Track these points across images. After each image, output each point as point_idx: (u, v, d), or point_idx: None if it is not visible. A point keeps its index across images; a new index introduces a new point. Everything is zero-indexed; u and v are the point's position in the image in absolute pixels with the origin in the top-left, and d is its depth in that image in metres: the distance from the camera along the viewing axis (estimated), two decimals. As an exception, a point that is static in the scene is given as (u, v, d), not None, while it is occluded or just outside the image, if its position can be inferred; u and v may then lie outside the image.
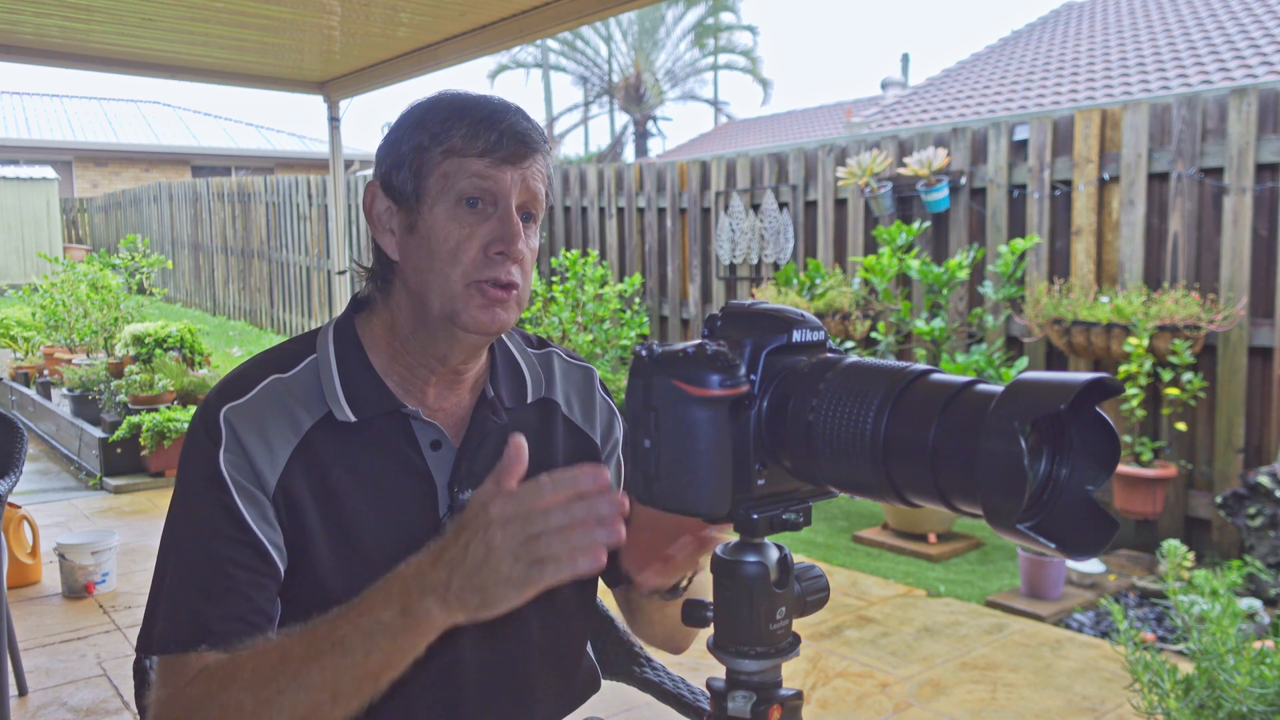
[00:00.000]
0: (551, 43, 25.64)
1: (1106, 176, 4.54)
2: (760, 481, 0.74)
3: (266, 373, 1.08)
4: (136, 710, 1.19)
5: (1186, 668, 1.94)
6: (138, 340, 6.69)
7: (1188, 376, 4.02)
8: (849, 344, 5.04)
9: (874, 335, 5.02)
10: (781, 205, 6.03)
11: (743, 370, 0.73)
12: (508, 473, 0.83)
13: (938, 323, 4.67)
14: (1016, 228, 4.91)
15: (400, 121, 1.08)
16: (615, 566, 1.15)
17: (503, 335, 1.21)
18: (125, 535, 4.62)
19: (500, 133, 1.03)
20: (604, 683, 1.31)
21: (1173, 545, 3.30)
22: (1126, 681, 1.98)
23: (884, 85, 17.61)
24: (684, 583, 1.08)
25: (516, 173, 1.04)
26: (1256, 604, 3.33)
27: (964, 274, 4.68)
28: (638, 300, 6.87)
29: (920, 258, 4.99)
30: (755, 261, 6.17)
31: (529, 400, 1.18)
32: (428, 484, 1.09)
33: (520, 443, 0.84)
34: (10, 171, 16.67)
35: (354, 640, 0.87)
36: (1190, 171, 4.25)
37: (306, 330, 1.17)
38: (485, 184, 1.03)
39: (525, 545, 0.79)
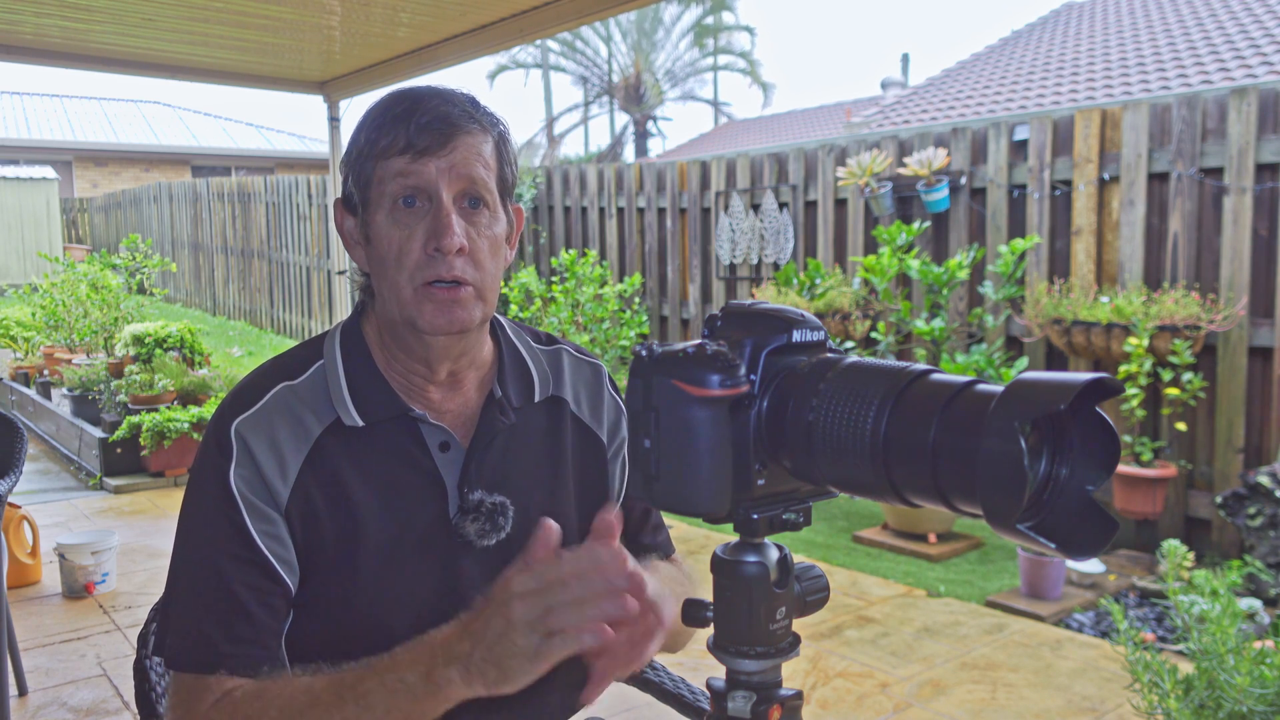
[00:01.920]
0: (551, 43, 25.64)
1: (1106, 176, 4.54)
2: (760, 481, 0.74)
3: (275, 380, 1.08)
4: (137, 710, 1.20)
5: (1186, 668, 1.94)
6: (138, 340, 6.69)
7: (1188, 376, 4.02)
8: (849, 344, 5.04)
9: (874, 335, 5.02)
10: (781, 205, 6.03)
11: (743, 370, 0.73)
12: (535, 552, 0.85)
13: (938, 323, 4.67)
14: (1016, 228, 4.91)
15: (352, 132, 1.09)
16: None
17: (511, 334, 1.21)
18: (125, 535, 4.62)
19: (415, 124, 1.02)
20: (604, 683, 1.31)
21: (1173, 545, 3.30)
22: (1126, 681, 1.98)
23: (884, 85, 17.61)
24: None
25: (442, 161, 1.02)
26: (1256, 604, 3.33)
27: (964, 274, 4.68)
28: (637, 300, 6.87)
29: (920, 258, 4.99)
30: (755, 261, 6.17)
31: (537, 399, 1.18)
32: (437, 486, 1.09)
33: (552, 525, 0.86)
34: (10, 171, 16.68)
35: (377, 696, 0.89)
36: (1190, 171, 4.25)
37: (307, 330, 1.18)
38: (411, 180, 1.02)
39: (541, 618, 0.81)
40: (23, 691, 3.00)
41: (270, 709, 0.93)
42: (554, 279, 6.84)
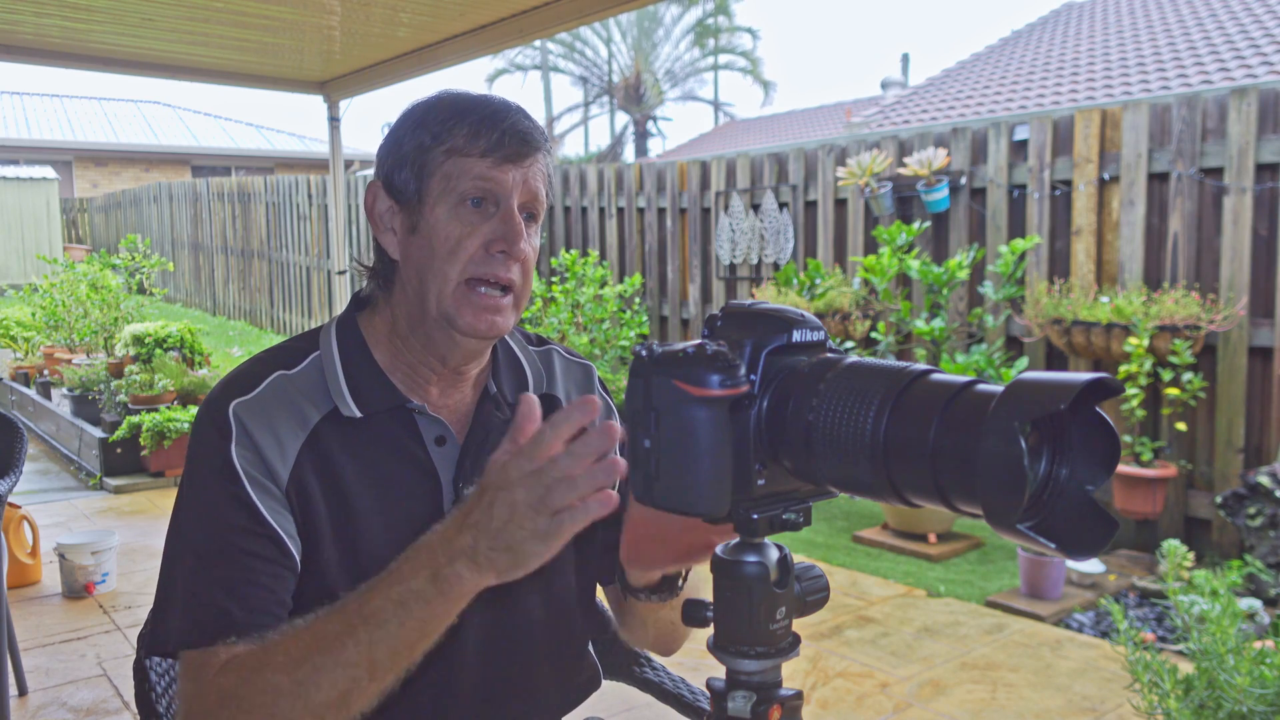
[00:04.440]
0: (551, 44, 25.64)
1: (1106, 176, 4.54)
2: (760, 481, 0.74)
3: (271, 369, 1.08)
4: (137, 710, 1.19)
5: (1186, 668, 1.94)
6: (138, 340, 6.69)
7: (1188, 376, 4.02)
8: (849, 344, 5.04)
9: (874, 335, 5.02)
10: (781, 205, 6.03)
11: (743, 370, 0.73)
12: (522, 430, 0.84)
13: (938, 323, 4.67)
14: (1016, 228, 4.91)
15: (401, 121, 1.09)
16: (612, 561, 1.15)
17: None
18: (125, 535, 4.62)
19: (503, 132, 1.04)
20: (604, 683, 1.31)
21: (1173, 545, 3.30)
22: (1126, 681, 1.98)
23: (884, 85, 17.61)
24: (680, 582, 1.09)
25: (518, 172, 1.05)
26: (1256, 604, 3.33)
27: (964, 274, 4.68)
28: (638, 300, 6.87)
29: (920, 258, 4.99)
30: (755, 261, 6.17)
31: None
32: (432, 480, 1.09)
33: (532, 399, 0.85)
34: (10, 171, 16.67)
35: (387, 611, 0.88)
36: (1190, 171, 4.25)
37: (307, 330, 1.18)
38: (488, 184, 1.04)
39: (544, 498, 0.80)
40: (23, 691, 3.00)
41: (276, 655, 0.92)
42: (554, 279, 6.84)
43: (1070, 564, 3.87)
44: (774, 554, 0.77)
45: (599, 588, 1.25)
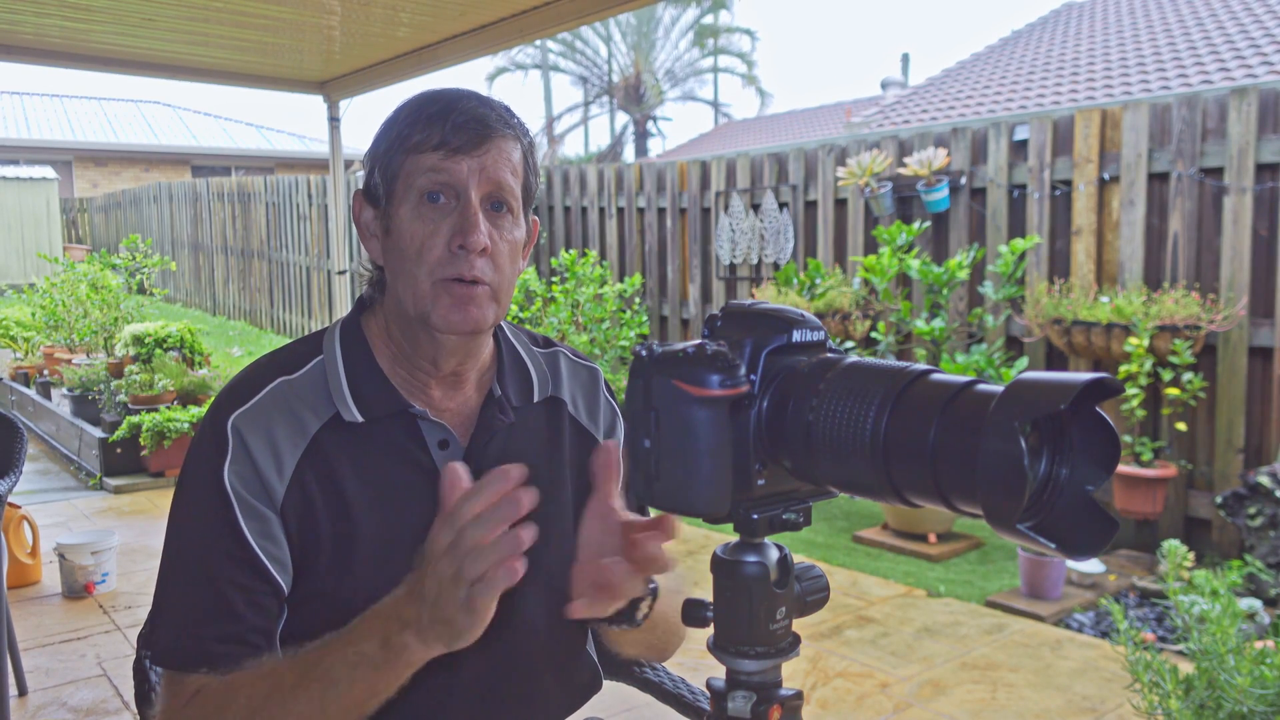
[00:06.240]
0: (551, 44, 25.64)
1: (1106, 176, 4.54)
2: (760, 481, 0.73)
3: (273, 375, 1.08)
4: (137, 710, 1.20)
5: (1187, 668, 1.94)
6: (138, 340, 6.69)
7: (1188, 376, 4.02)
8: (849, 344, 5.04)
9: (874, 335, 5.02)
10: (781, 205, 6.03)
11: (743, 370, 0.73)
12: (445, 501, 0.84)
13: (938, 323, 4.67)
14: (1016, 228, 4.91)
15: (379, 127, 1.09)
16: None
17: (509, 334, 1.21)
18: (125, 535, 4.62)
19: (452, 123, 1.02)
20: (604, 683, 1.31)
21: (1173, 545, 3.30)
22: (1126, 681, 1.98)
23: (884, 85, 17.62)
24: (641, 612, 1.02)
25: (474, 161, 1.03)
26: (1256, 604, 3.33)
27: (964, 274, 4.68)
28: (637, 300, 6.87)
29: (920, 258, 4.99)
30: (755, 261, 6.17)
31: (536, 399, 1.18)
32: (435, 484, 1.09)
33: (455, 469, 0.85)
34: (10, 171, 16.67)
35: (339, 671, 0.89)
36: (1190, 171, 4.25)
37: (307, 330, 1.18)
38: (441, 177, 1.02)
39: (459, 570, 0.81)
40: (23, 691, 3.00)
41: (238, 698, 0.94)
42: (554, 279, 6.84)
43: (1070, 564, 3.87)
44: (774, 554, 0.77)
45: None
